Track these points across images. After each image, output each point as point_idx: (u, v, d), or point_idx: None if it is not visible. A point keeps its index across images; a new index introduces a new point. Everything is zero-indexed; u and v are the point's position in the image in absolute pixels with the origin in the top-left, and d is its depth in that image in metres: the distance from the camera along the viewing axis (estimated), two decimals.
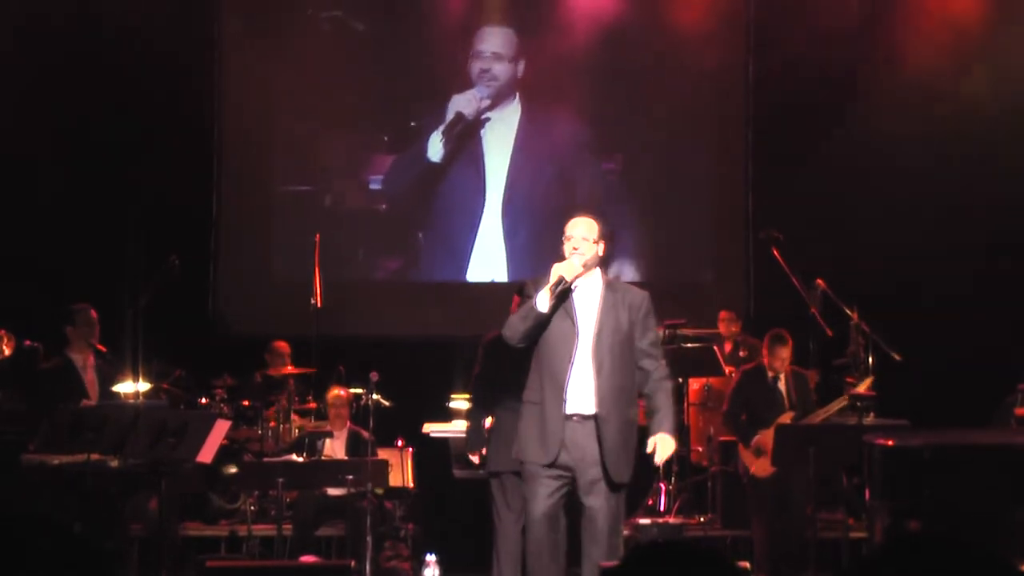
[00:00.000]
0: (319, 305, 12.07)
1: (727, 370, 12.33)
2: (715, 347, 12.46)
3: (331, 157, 15.14)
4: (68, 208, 13.83)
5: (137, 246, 13.42)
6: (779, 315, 12.59)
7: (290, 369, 12.83)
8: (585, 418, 7.66)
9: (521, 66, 14.90)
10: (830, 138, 14.12)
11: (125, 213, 13.86)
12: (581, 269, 7.69)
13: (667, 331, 12.65)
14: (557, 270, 7.64)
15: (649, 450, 7.64)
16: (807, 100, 14.09)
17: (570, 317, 7.68)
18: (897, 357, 11.50)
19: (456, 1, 14.95)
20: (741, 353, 13.09)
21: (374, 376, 11.38)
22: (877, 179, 14.06)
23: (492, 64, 14.89)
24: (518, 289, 8.23)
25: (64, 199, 13.84)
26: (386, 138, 15.03)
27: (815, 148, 14.13)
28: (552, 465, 7.67)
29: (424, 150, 14.88)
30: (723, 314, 13.39)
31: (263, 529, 11.68)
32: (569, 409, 7.66)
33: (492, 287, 14.36)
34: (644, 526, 11.49)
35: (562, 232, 7.91)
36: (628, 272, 14.54)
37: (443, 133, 14.84)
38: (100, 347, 11.38)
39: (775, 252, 12.37)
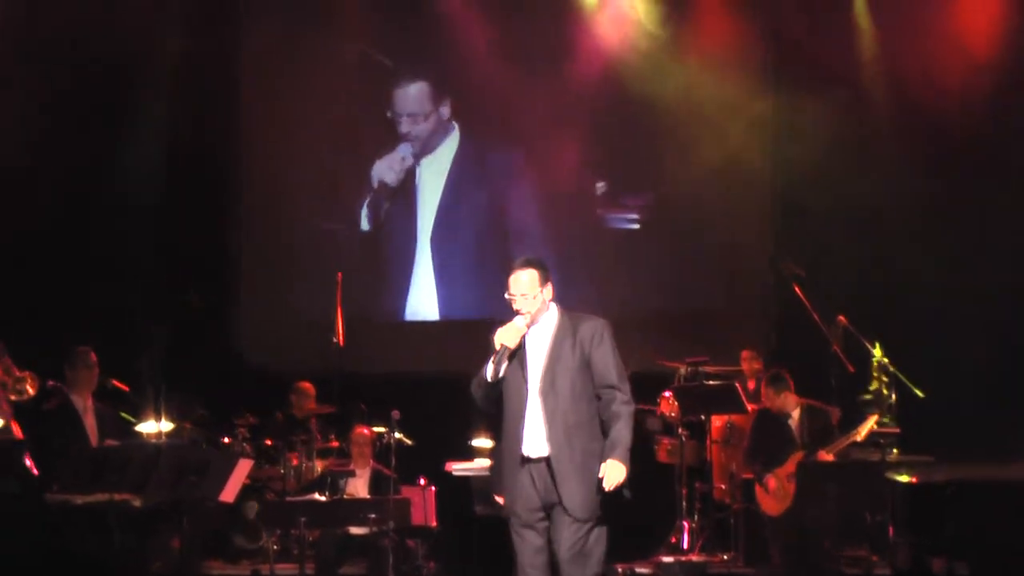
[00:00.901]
0: (341, 343, 12.06)
1: (749, 407, 12.29)
2: (737, 384, 12.40)
3: (353, 194, 15.24)
4: (90, 247, 13.94)
5: (159, 284, 13.71)
6: (801, 351, 12.62)
7: (312, 408, 12.75)
8: (540, 459, 7.58)
9: (446, 108, 15.10)
10: (852, 173, 14.01)
11: (147, 251, 14.10)
12: (524, 329, 7.59)
13: (689, 368, 12.79)
14: (500, 337, 7.58)
15: (600, 475, 7.45)
16: (826, 136, 14.00)
17: (521, 367, 7.63)
18: (920, 393, 11.45)
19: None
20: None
21: (396, 414, 11.45)
22: (899, 216, 13.93)
23: (412, 125, 15.16)
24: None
25: (86, 237, 13.93)
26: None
27: (837, 184, 13.98)
28: (520, 508, 7.63)
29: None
30: (745, 353, 13.31)
31: (285, 568, 11.63)
32: (525, 452, 7.60)
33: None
34: (667, 564, 11.48)
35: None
36: (648, 308, 14.47)
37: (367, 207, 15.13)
38: (122, 386, 11.53)
39: (797, 289, 12.37)
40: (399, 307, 15.08)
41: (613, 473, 7.43)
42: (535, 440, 7.58)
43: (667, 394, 12.80)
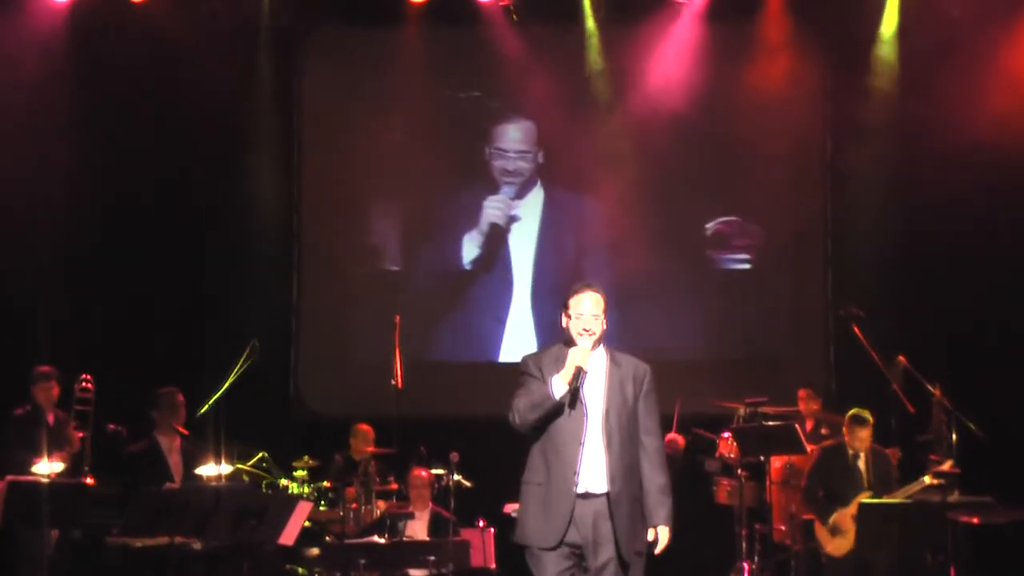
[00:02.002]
0: (400, 386, 12.03)
1: (808, 448, 12.23)
2: (796, 424, 12.31)
3: (413, 239, 15.30)
4: (150, 293, 14.05)
5: (219, 330, 13.65)
6: (860, 392, 12.56)
7: (371, 450, 12.81)
8: (596, 496, 7.38)
9: (541, 155, 15.13)
10: (909, 213, 14.06)
11: (207, 297, 14.14)
12: (592, 350, 7.45)
13: (748, 409, 12.65)
14: (574, 360, 7.39)
15: (651, 539, 7.38)
16: (885, 175, 14.12)
17: (579, 397, 7.44)
18: (980, 433, 11.35)
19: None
20: (823, 431, 12.95)
21: (455, 456, 11.40)
22: (956, 253, 13.88)
23: (516, 163, 15.11)
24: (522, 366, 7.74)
25: (146, 283, 14.04)
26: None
27: (894, 223, 14.09)
28: (559, 545, 7.40)
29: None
30: (802, 392, 13.25)
31: None
32: (580, 488, 7.39)
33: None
34: None
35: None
36: (707, 350, 14.56)
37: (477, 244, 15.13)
38: (182, 430, 11.62)
39: (855, 329, 12.29)
40: (457, 349, 15.04)
41: (664, 539, 7.38)
42: (593, 475, 7.38)
43: (726, 435, 12.75)
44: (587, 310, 7.46)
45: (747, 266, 14.87)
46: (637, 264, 14.62)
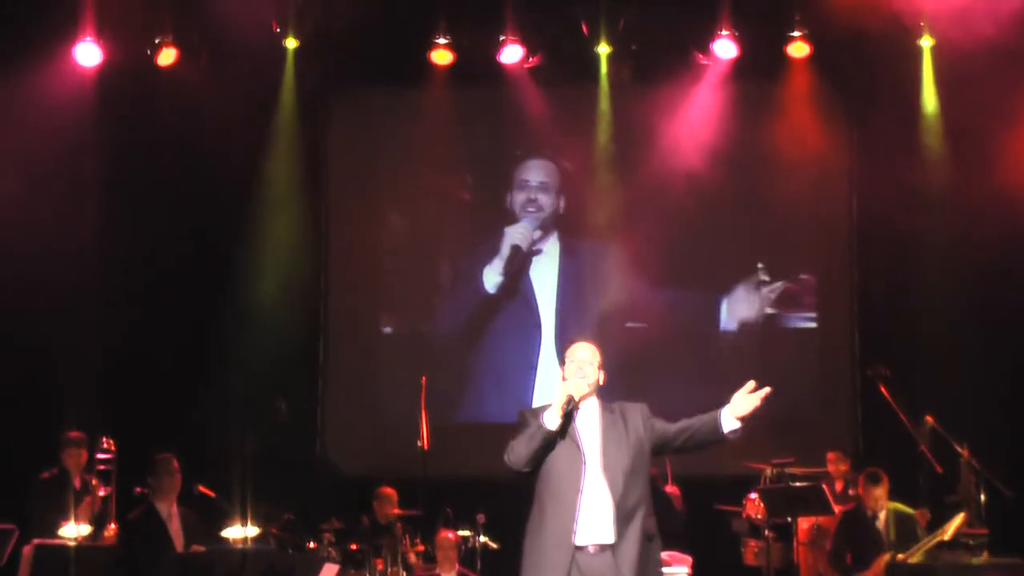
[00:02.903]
0: (426, 447, 12.00)
1: (836, 509, 12.17)
2: (824, 485, 12.22)
3: (439, 297, 15.34)
4: (176, 353, 14.15)
5: (246, 390, 13.61)
6: (888, 452, 12.55)
7: (395, 513, 12.78)
8: (603, 548, 7.28)
9: (562, 201, 15.17)
10: (936, 271, 14.02)
11: (232, 358, 14.05)
12: (587, 389, 7.50)
13: (775, 469, 12.61)
14: (565, 389, 7.43)
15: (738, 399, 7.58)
16: (912, 233, 14.07)
17: (575, 443, 7.45)
18: (1009, 493, 11.29)
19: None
20: (851, 492, 12.83)
21: (481, 518, 11.34)
22: (985, 312, 13.83)
23: (538, 195, 15.10)
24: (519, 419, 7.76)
25: (172, 344, 14.14)
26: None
27: (921, 281, 14.08)
28: None
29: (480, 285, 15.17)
30: (831, 455, 13.18)
31: None
32: (581, 540, 7.29)
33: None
34: None
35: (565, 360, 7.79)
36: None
37: (502, 267, 15.10)
38: (208, 492, 11.60)
39: (883, 389, 12.24)
40: (483, 409, 15.02)
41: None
42: (596, 525, 7.31)
43: (753, 496, 12.64)
44: (580, 358, 7.59)
45: (812, 324, 14.86)
46: (658, 322, 14.63)
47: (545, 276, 15.15)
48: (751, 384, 7.66)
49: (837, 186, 14.87)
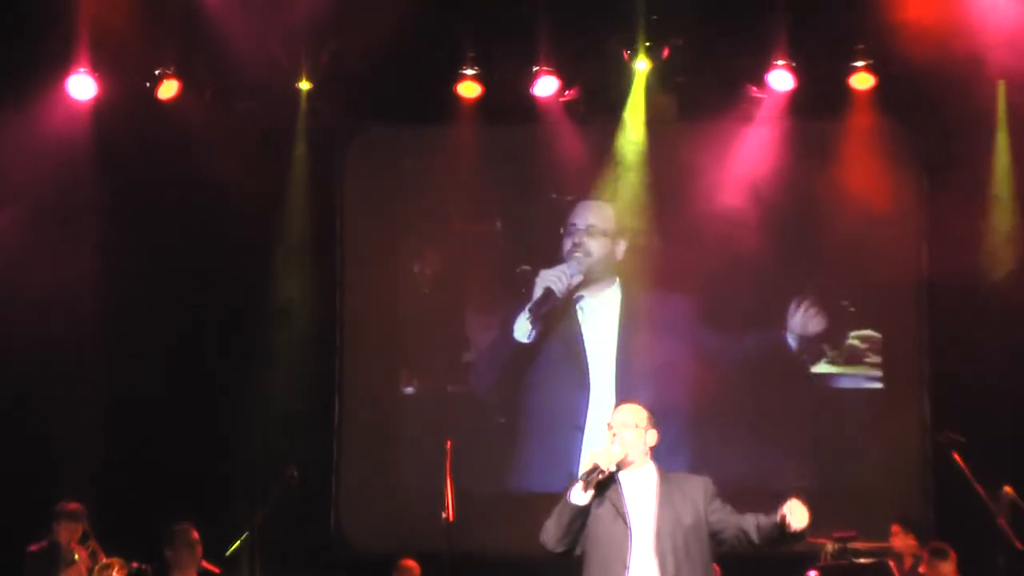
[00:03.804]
0: (451, 519, 12.00)
1: None
2: (891, 561, 12.26)
3: (465, 354, 15.39)
4: (177, 414, 14.24)
5: (253, 456, 13.77)
6: (963, 526, 12.57)
7: None
8: None
9: (621, 246, 15.18)
10: (1014, 329, 13.98)
11: (239, 420, 14.17)
12: (620, 455, 7.47)
13: (836, 544, 12.59)
14: (592, 456, 7.43)
15: (784, 514, 7.24)
16: (988, 289, 14.14)
17: (621, 516, 7.43)
18: None
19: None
20: (921, 569, 12.70)
21: None
22: None
23: (584, 238, 15.15)
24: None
25: (172, 403, 14.25)
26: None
27: (997, 340, 13.99)
28: None
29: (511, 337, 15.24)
30: (896, 528, 13.11)
31: None
32: None
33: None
34: None
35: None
36: (789, 479, 14.28)
37: (529, 311, 15.16)
38: (212, 568, 11.69)
39: (956, 457, 12.22)
40: (514, 477, 15.09)
41: (799, 510, 7.24)
42: None
43: (812, 574, 12.55)
44: (619, 421, 7.56)
45: (878, 384, 14.88)
46: (715, 381, 14.62)
47: (602, 329, 15.17)
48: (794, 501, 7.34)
49: (905, 235, 14.83)
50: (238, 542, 12.03)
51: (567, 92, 14.58)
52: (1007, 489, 12.04)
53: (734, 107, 14.67)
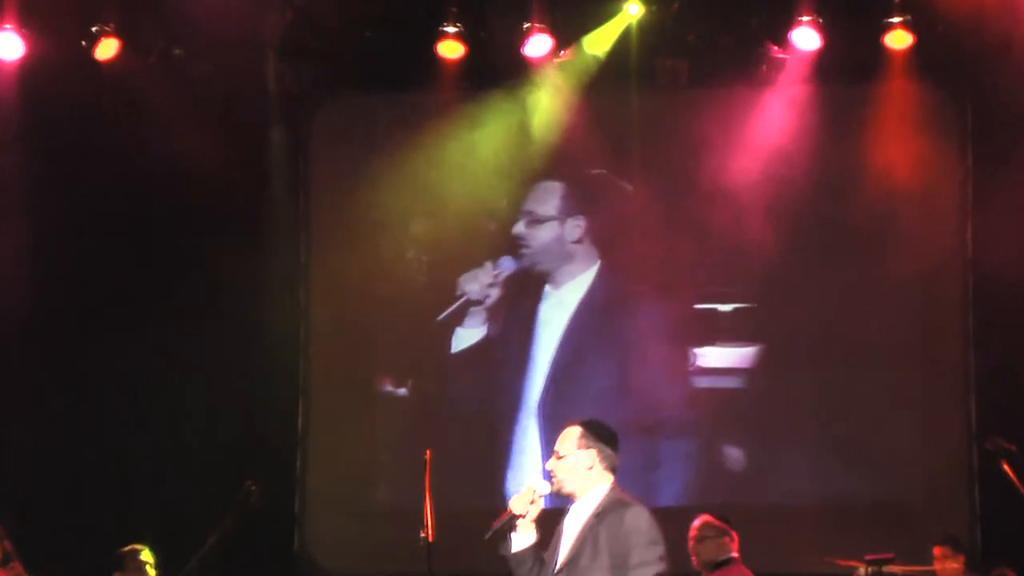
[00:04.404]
0: (431, 539, 11.40)
1: None
2: None
3: (449, 350, 15.26)
4: (126, 423, 14.26)
5: (208, 469, 13.93)
6: (1014, 545, 12.72)
7: None
8: None
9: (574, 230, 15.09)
10: None
11: (193, 433, 14.36)
12: (536, 499, 7.65)
13: (870, 568, 12.42)
14: (512, 503, 7.69)
15: None
16: None
17: (555, 550, 7.64)
18: None
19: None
20: None
21: None
22: None
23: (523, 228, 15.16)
24: None
25: (120, 412, 14.27)
26: None
27: None
28: None
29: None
30: (937, 551, 12.87)
31: None
32: None
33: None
34: None
35: None
36: (816, 493, 14.45)
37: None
38: None
39: (1006, 467, 11.86)
40: (503, 490, 14.86)
41: None
42: None
43: None
44: (555, 451, 7.74)
45: (916, 384, 14.73)
46: (724, 383, 14.72)
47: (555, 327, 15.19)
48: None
49: (947, 215, 14.78)
50: (190, 564, 11.67)
51: (563, 52, 14.37)
52: None
53: (752, 71, 14.51)
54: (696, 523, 10.72)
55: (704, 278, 14.90)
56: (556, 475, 7.62)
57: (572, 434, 7.67)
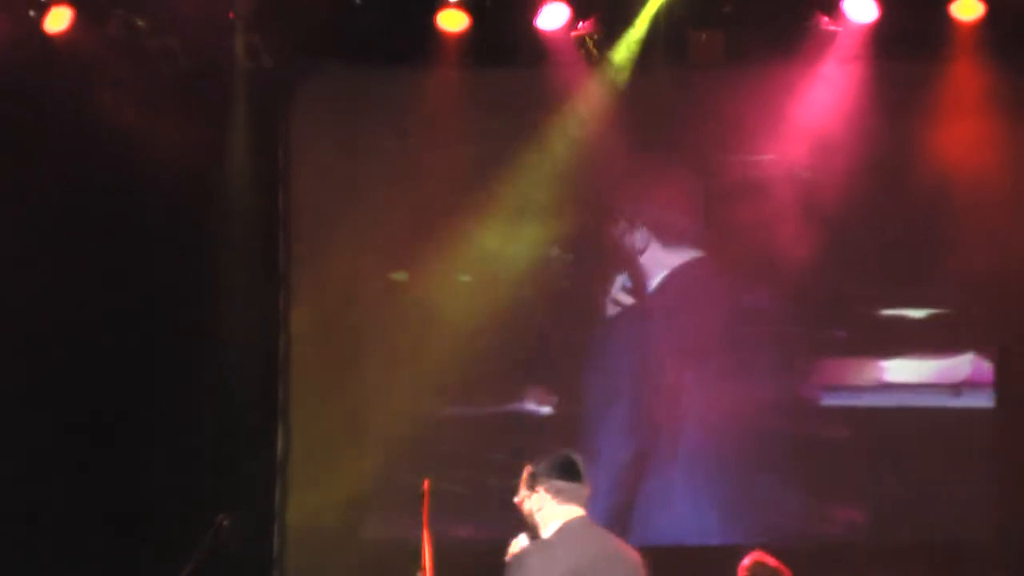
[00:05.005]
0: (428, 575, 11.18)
1: None
2: None
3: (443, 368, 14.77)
4: (85, 454, 13.91)
5: (175, 506, 13.67)
6: None
7: None
8: None
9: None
10: None
11: (159, 462, 13.99)
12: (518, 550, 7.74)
13: None
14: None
15: None
16: None
17: None
18: None
19: None
20: None
21: None
22: None
23: None
24: None
25: (77, 439, 13.90)
26: None
27: None
28: None
29: None
30: None
31: None
32: None
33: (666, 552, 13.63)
34: None
35: None
36: (865, 528, 14.29)
37: None
38: None
39: None
40: (507, 524, 14.22)
41: None
42: None
43: None
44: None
45: (988, 404, 14.51)
46: (761, 395, 14.50)
47: None
48: None
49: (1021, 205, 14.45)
50: None
51: (580, 24, 14.06)
52: None
53: (798, 45, 14.05)
54: (746, 562, 10.58)
55: (738, 285, 14.70)
56: (524, 520, 7.73)
57: (523, 475, 7.73)
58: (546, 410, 14.95)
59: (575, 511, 7.56)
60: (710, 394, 14.63)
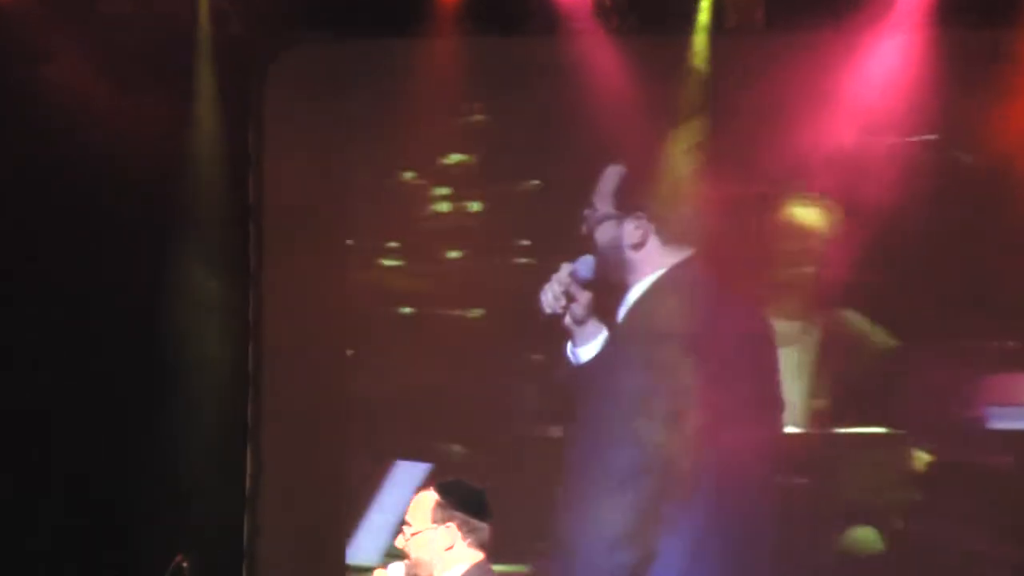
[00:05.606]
0: None
1: None
2: None
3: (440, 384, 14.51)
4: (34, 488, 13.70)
5: (126, 543, 13.57)
6: None
7: None
8: None
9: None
10: None
11: (110, 493, 13.76)
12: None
13: None
14: None
15: None
16: None
17: None
18: None
19: None
20: None
21: None
22: None
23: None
24: None
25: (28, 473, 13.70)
26: None
27: None
28: None
29: None
30: None
31: None
32: None
33: None
34: None
35: None
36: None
37: None
38: None
39: None
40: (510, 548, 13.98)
41: None
42: None
43: None
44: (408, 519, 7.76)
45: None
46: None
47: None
48: None
49: None
50: None
51: None
52: None
53: (850, 10, 13.66)
54: None
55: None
56: (409, 554, 7.51)
57: (426, 503, 7.53)
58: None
59: (478, 556, 7.44)
60: None
